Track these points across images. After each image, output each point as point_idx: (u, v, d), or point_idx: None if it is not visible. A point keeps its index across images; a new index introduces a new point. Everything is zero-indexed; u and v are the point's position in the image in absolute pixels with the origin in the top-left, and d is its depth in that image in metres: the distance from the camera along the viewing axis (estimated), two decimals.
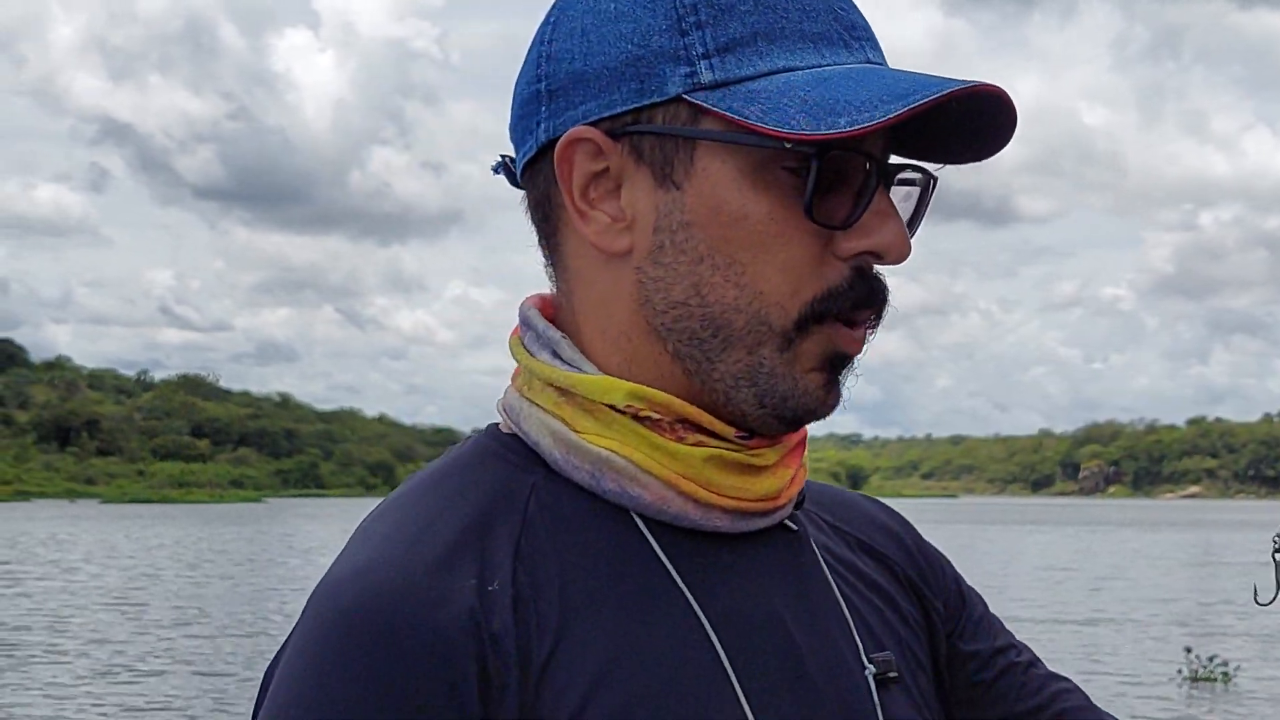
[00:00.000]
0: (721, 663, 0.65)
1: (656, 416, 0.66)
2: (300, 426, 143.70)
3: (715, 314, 0.65)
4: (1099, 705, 0.84)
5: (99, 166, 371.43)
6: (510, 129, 0.72)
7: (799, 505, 0.74)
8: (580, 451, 0.66)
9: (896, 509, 0.86)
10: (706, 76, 0.64)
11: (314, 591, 0.63)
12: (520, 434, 0.69)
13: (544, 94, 0.67)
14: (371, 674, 0.58)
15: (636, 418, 0.66)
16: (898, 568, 0.81)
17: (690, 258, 0.65)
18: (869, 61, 0.66)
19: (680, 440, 0.66)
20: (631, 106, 0.65)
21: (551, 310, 0.72)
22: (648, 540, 0.66)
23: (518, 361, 0.71)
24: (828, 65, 0.64)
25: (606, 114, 0.65)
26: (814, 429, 0.73)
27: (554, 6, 0.70)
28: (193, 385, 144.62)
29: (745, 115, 0.62)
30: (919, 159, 0.69)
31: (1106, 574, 30.54)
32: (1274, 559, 0.71)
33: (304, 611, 0.62)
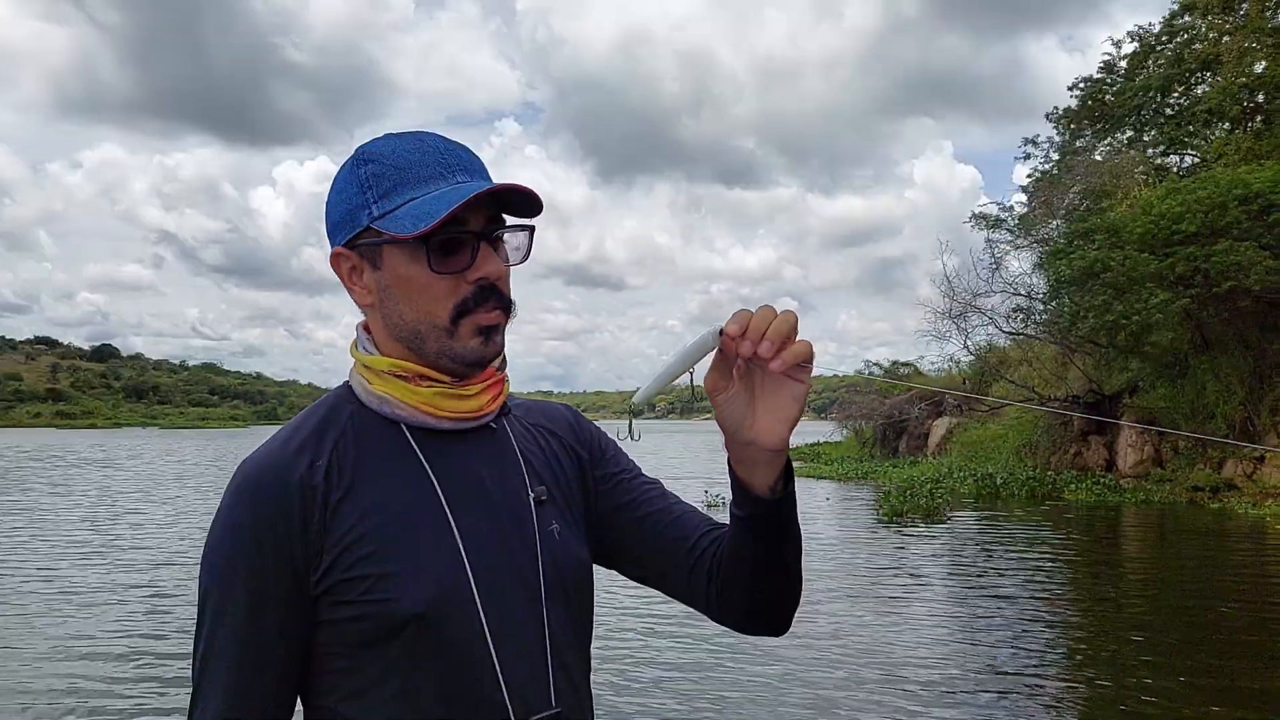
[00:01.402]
0: (439, 497, 1.16)
1: (406, 375, 1.18)
2: None
3: (411, 326, 1.17)
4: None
5: None
6: None
7: (505, 414, 1.28)
8: (371, 394, 1.20)
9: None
10: (377, 212, 1.15)
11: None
12: (353, 386, 1.22)
13: (329, 231, 1.20)
14: (248, 501, 1.12)
15: (396, 376, 1.18)
16: (564, 439, 1.34)
17: (393, 301, 1.17)
18: (458, 182, 1.14)
19: (419, 385, 1.18)
20: (353, 234, 1.17)
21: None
22: (408, 437, 1.19)
23: (352, 355, 1.24)
24: (433, 192, 1.13)
25: (346, 239, 1.18)
26: None
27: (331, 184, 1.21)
28: None
29: (388, 229, 1.12)
30: (520, 215, 1.18)
31: None
32: (630, 419, 1.15)
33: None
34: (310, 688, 1.15)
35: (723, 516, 1.27)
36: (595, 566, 1.32)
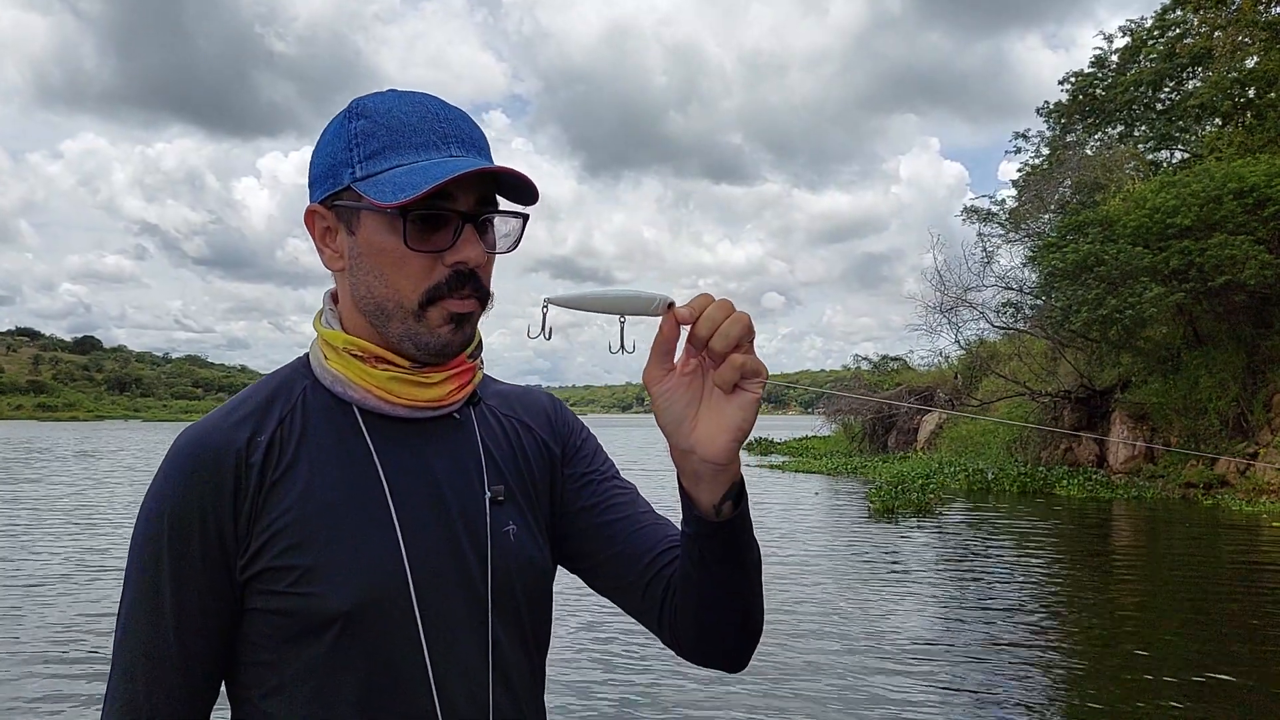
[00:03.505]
0: (384, 489, 1.09)
1: (362, 355, 1.12)
2: None
3: (378, 301, 1.09)
4: None
5: None
6: None
7: (474, 403, 1.20)
8: (325, 371, 1.13)
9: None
10: (360, 172, 1.07)
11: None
12: (310, 360, 1.16)
13: (309, 183, 1.14)
14: (180, 474, 1.06)
15: (351, 354, 1.12)
16: (537, 433, 1.27)
17: (363, 271, 1.10)
18: (451, 155, 1.07)
19: (374, 367, 1.11)
20: (332, 192, 1.10)
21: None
22: (359, 422, 1.12)
23: (314, 327, 1.17)
24: (422, 161, 1.06)
25: (324, 196, 1.11)
26: None
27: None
28: None
29: (368, 194, 1.05)
30: (514, 201, 1.11)
31: None
32: (543, 311, 0.99)
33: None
34: (234, 678, 1.11)
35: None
36: (560, 569, 1.28)
